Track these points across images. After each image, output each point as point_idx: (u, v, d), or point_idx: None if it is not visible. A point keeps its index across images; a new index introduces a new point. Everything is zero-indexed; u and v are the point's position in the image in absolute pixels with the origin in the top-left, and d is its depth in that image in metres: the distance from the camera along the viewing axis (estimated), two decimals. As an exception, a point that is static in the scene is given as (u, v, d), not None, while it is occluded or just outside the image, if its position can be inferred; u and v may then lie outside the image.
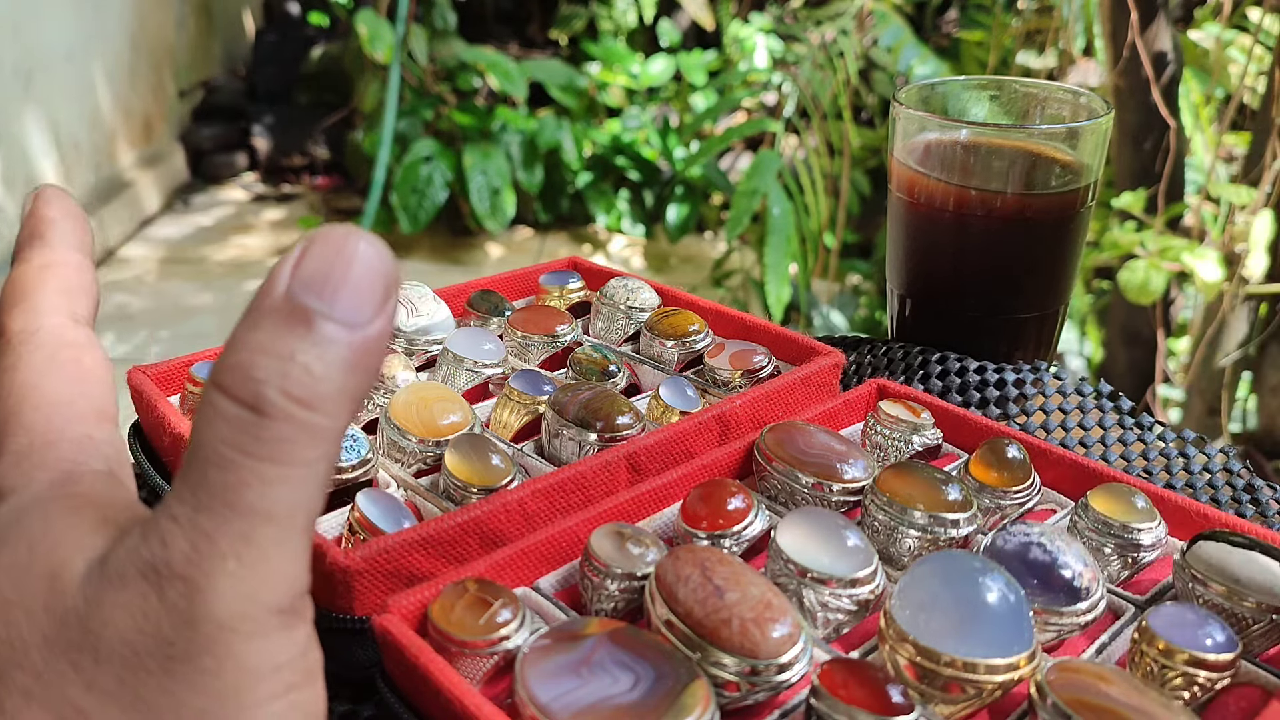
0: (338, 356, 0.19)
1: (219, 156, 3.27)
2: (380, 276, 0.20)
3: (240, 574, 0.19)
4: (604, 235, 2.95)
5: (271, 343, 0.19)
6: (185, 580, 0.19)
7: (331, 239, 0.20)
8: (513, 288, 0.54)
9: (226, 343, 0.20)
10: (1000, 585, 0.28)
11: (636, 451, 0.37)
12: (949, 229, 0.50)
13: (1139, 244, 1.34)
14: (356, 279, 0.19)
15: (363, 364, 0.20)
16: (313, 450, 0.20)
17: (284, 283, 0.19)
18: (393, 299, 0.20)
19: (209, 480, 0.19)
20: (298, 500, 0.20)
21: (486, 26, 3.38)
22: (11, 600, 0.20)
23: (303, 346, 0.19)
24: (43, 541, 0.21)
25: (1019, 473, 0.38)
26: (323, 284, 0.19)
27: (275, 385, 0.19)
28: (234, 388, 0.19)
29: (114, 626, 0.19)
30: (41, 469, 0.22)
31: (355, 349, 0.19)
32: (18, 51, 2.32)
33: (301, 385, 0.19)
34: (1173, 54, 1.40)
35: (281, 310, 0.19)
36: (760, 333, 0.48)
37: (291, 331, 0.19)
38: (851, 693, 0.26)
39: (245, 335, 0.19)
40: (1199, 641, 0.28)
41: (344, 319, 0.19)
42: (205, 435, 0.19)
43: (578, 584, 0.32)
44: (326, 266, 0.19)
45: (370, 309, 0.20)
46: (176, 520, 0.19)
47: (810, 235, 1.87)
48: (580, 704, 0.24)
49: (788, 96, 2.01)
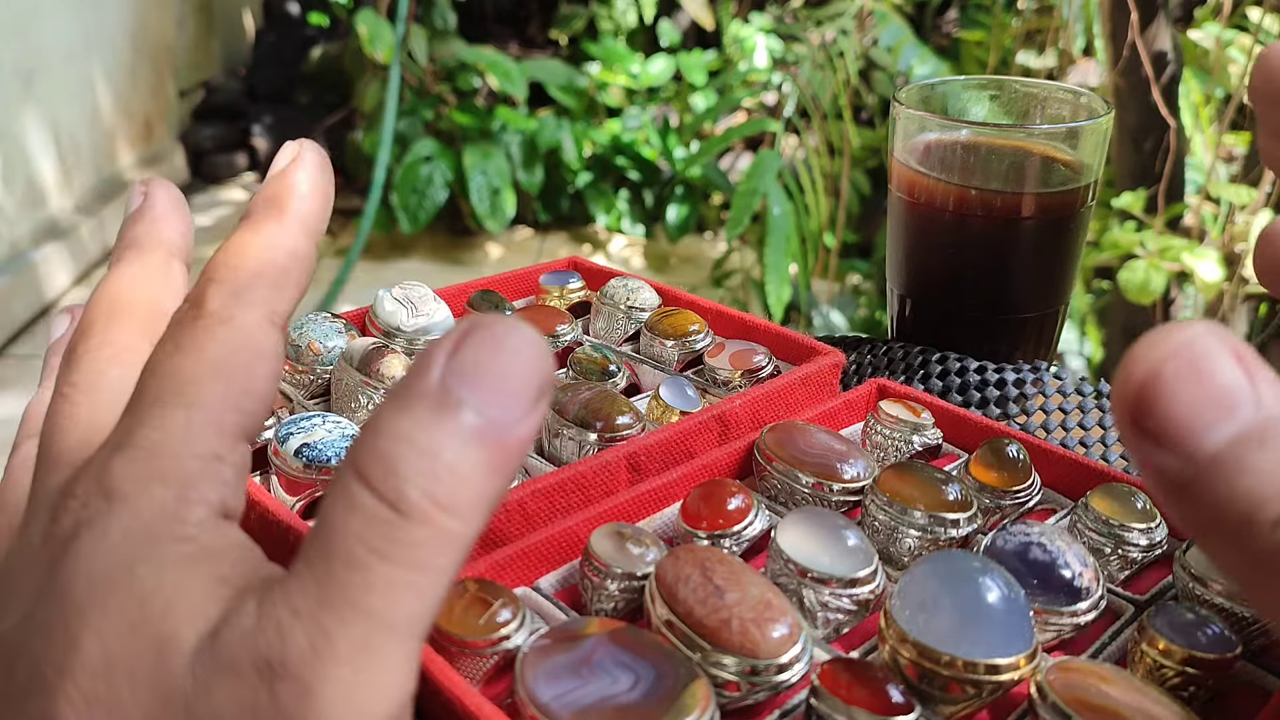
0: (484, 459, 0.18)
1: (219, 156, 3.27)
2: (536, 375, 0.19)
3: (355, 683, 0.18)
4: (604, 235, 2.95)
5: (418, 433, 0.18)
6: (299, 682, 0.18)
7: (493, 329, 0.19)
8: (513, 288, 0.54)
9: (369, 422, 0.19)
10: (1000, 585, 0.28)
11: (636, 451, 0.37)
12: (949, 229, 0.50)
13: (1139, 244, 1.34)
14: (513, 376, 0.18)
15: (505, 468, 0.19)
16: (444, 558, 0.19)
17: (439, 369, 0.18)
18: (545, 400, 0.19)
19: (335, 575, 0.18)
20: (421, 609, 0.19)
21: (486, 26, 3.38)
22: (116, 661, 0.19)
23: (451, 444, 0.18)
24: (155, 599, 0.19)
25: (1019, 473, 0.38)
26: (479, 377, 0.18)
27: (419, 485, 0.18)
28: (375, 480, 0.18)
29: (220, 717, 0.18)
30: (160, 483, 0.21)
31: (501, 451, 0.19)
32: (18, 51, 2.32)
33: (446, 488, 0.18)
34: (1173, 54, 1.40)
35: (433, 398, 0.18)
36: (760, 333, 0.48)
37: (440, 424, 0.18)
38: (851, 693, 0.26)
39: (393, 419, 0.18)
40: (1199, 641, 0.28)
41: (495, 417, 0.18)
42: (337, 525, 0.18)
43: (578, 584, 0.32)
44: (485, 359, 0.18)
45: (522, 409, 0.19)
46: (298, 614, 0.18)
47: (810, 235, 1.87)
48: (580, 704, 0.24)
49: (788, 96, 2.01)
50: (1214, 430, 0.17)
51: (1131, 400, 0.18)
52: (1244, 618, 0.31)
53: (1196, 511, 0.18)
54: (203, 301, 0.23)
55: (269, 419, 0.39)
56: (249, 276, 0.23)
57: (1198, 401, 0.18)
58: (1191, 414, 0.18)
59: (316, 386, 0.44)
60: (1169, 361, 0.18)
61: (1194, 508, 0.18)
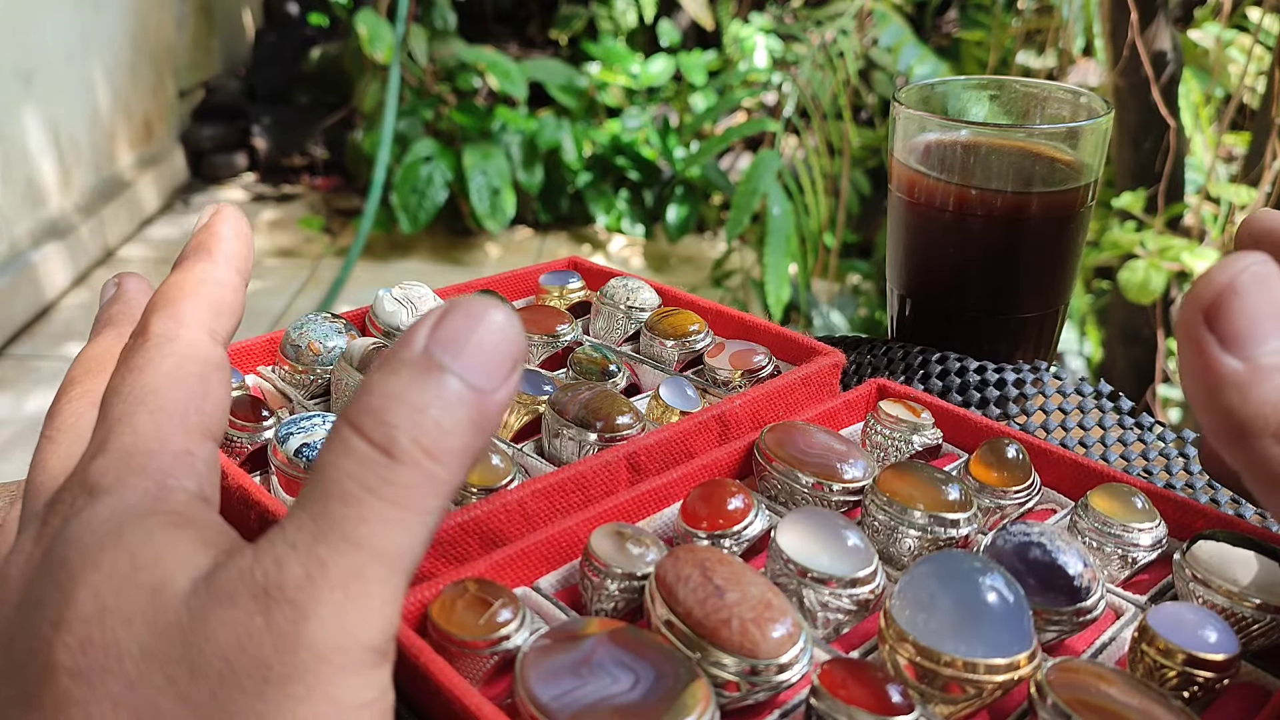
0: (465, 415, 0.20)
1: (219, 156, 3.27)
2: (511, 346, 0.21)
3: (345, 607, 0.20)
4: (604, 235, 2.95)
5: (406, 392, 0.20)
6: (294, 605, 0.19)
7: (471, 306, 0.21)
8: (513, 288, 0.54)
9: (361, 386, 0.21)
10: (1000, 585, 0.28)
11: (636, 451, 0.37)
12: (949, 229, 0.50)
13: (1139, 244, 1.34)
14: (490, 346, 0.21)
15: (485, 426, 0.21)
16: (432, 500, 0.20)
17: (423, 339, 0.21)
18: (519, 370, 0.21)
19: (330, 511, 0.20)
20: (409, 545, 0.20)
21: (486, 26, 3.38)
22: (110, 608, 0.20)
23: (436, 401, 0.20)
24: (144, 553, 0.21)
25: (1019, 473, 0.38)
26: (459, 345, 0.21)
27: (408, 432, 0.20)
28: (368, 428, 0.20)
29: (216, 643, 0.19)
30: (138, 475, 0.23)
31: (481, 411, 0.21)
32: (18, 51, 2.32)
33: (431, 437, 0.20)
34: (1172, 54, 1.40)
35: (419, 363, 0.20)
36: (760, 333, 0.48)
37: (426, 385, 0.20)
38: (851, 693, 0.26)
39: (382, 381, 0.21)
40: (1199, 641, 0.28)
41: (474, 381, 0.21)
42: (332, 469, 0.20)
43: (578, 584, 0.32)
44: (465, 331, 0.21)
45: (499, 376, 0.21)
46: (294, 546, 0.20)
47: (810, 235, 1.87)
48: (580, 704, 0.24)
49: (788, 96, 2.01)
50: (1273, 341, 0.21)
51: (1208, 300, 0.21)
52: (1244, 618, 0.31)
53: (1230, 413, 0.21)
54: (148, 328, 0.25)
55: (270, 419, 0.39)
56: (186, 303, 0.26)
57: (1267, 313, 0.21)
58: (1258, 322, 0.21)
59: (316, 386, 0.44)
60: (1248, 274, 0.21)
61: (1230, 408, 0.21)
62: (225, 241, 0.27)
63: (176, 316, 0.25)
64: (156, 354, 0.25)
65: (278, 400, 0.43)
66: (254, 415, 0.38)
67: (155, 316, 0.25)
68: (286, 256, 2.79)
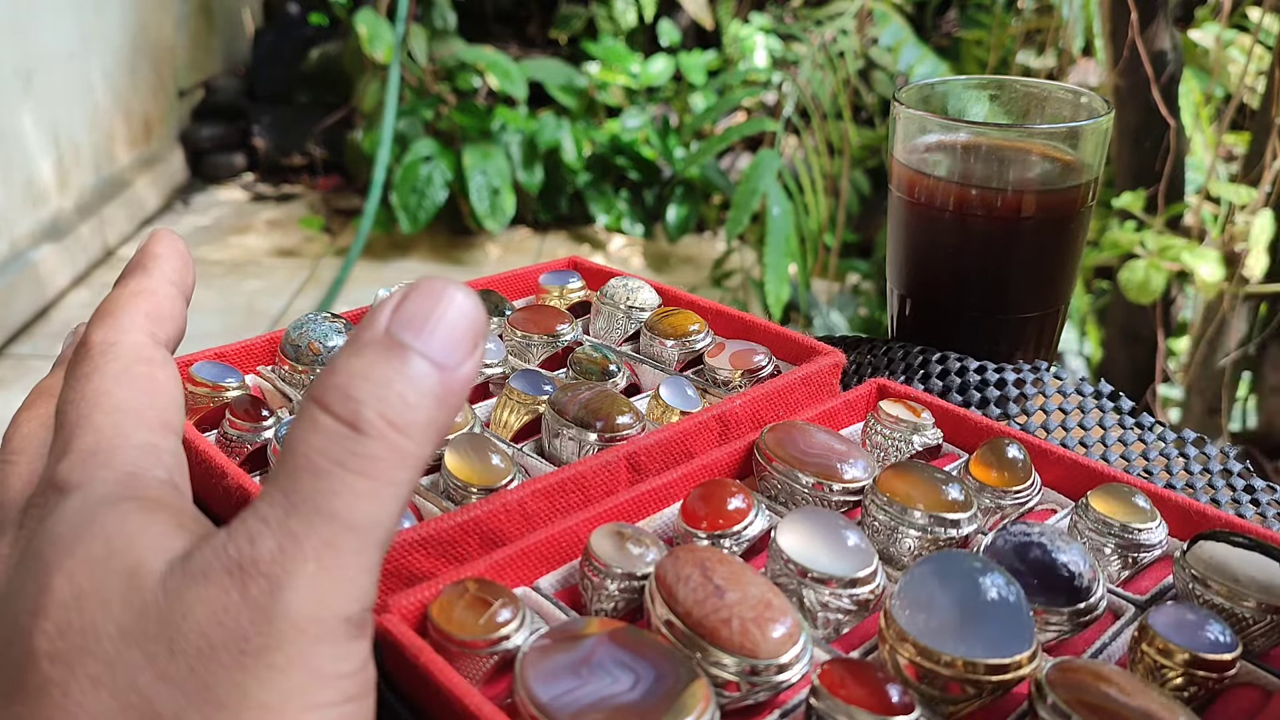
0: (429, 390, 0.21)
1: (218, 156, 3.27)
2: (471, 324, 0.22)
3: (319, 578, 0.20)
4: (604, 235, 2.95)
5: (371, 369, 0.21)
6: (269, 578, 0.20)
7: (431, 287, 0.21)
8: (513, 288, 0.54)
9: (325, 367, 0.21)
10: (1000, 585, 0.28)
11: (636, 451, 0.37)
12: (949, 229, 0.50)
13: (1139, 244, 1.34)
14: (450, 324, 0.21)
15: (450, 401, 0.21)
16: (400, 472, 0.21)
17: (385, 320, 0.21)
18: (481, 346, 0.22)
19: (301, 486, 0.20)
20: (380, 516, 0.21)
21: (486, 26, 3.38)
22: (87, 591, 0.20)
23: (399, 377, 0.21)
24: (119, 538, 0.21)
25: (1019, 473, 0.38)
26: (420, 325, 0.21)
27: (373, 407, 0.20)
28: (334, 405, 0.21)
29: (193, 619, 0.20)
30: (106, 468, 0.23)
31: (444, 386, 0.21)
32: (18, 51, 2.32)
33: (396, 410, 0.21)
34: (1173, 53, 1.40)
35: (381, 343, 0.21)
36: (760, 332, 0.48)
37: (389, 363, 0.21)
38: (851, 693, 0.26)
39: (346, 361, 0.21)
40: (1199, 641, 0.28)
41: (436, 358, 0.21)
42: (301, 444, 0.21)
43: (578, 584, 0.32)
44: (425, 309, 0.21)
45: (461, 352, 0.21)
46: (266, 521, 0.20)
47: (810, 235, 1.87)
48: (580, 704, 0.24)
49: (787, 96, 2.01)
50: None
51: None
52: (1244, 618, 0.31)
53: None
54: (88, 340, 0.26)
55: (270, 419, 0.39)
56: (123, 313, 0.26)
57: None
58: None
59: (316, 386, 0.44)
60: None
61: None
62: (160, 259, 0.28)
63: (115, 326, 0.26)
64: (101, 360, 0.25)
65: (278, 400, 0.43)
66: (254, 415, 0.38)
67: (94, 329, 0.26)
68: (286, 256, 2.79)
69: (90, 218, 2.59)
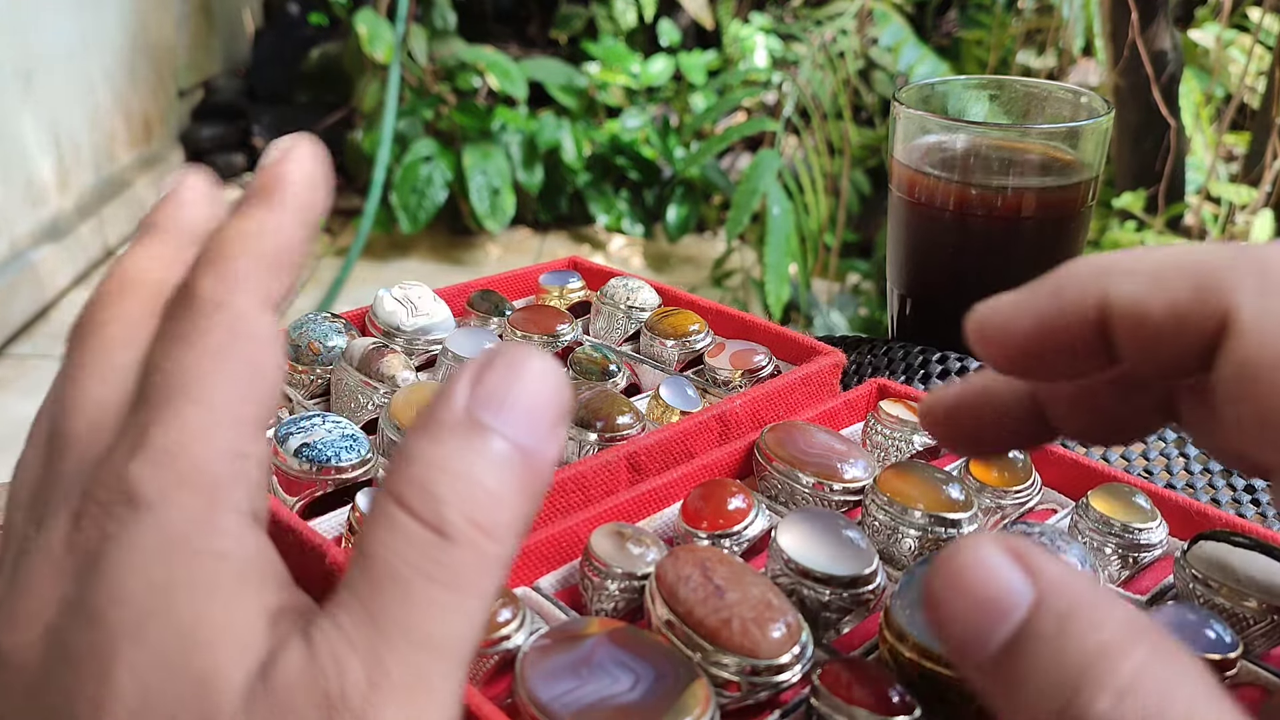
0: (515, 480, 0.19)
1: (219, 156, 3.27)
2: (556, 398, 0.20)
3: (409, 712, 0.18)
4: (604, 235, 2.95)
5: (453, 460, 0.19)
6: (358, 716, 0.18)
7: (512, 357, 0.19)
8: (513, 288, 0.54)
9: (400, 451, 0.19)
10: (1000, 585, 0.28)
11: (636, 451, 0.37)
12: (949, 228, 0.50)
13: (1139, 244, 1.34)
14: (533, 400, 0.19)
15: (534, 490, 0.19)
16: (487, 580, 0.19)
17: (463, 398, 0.19)
18: (565, 423, 0.20)
19: (386, 602, 0.18)
20: (467, 633, 0.19)
21: (486, 26, 3.38)
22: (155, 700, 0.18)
23: (485, 468, 0.19)
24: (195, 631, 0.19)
25: (1019, 473, 0.38)
26: (501, 403, 0.19)
27: (459, 508, 0.18)
28: (415, 504, 0.18)
29: None
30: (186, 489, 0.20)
31: (530, 472, 0.19)
32: (18, 51, 2.32)
33: (483, 510, 0.19)
34: (1173, 53, 1.40)
35: (462, 425, 0.19)
36: (760, 332, 0.48)
37: (472, 450, 0.19)
38: (851, 693, 0.26)
39: (425, 449, 0.19)
40: (1199, 641, 0.28)
41: (521, 441, 0.19)
42: (381, 549, 0.18)
43: (578, 584, 0.32)
44: (505, 386, 0.19)
45: (545, 431, 0.19)
46: (353, 645, 0.18)
47: (810, 235, 1.87)
48: (580, 704, 0.24)
49: (787, 96, 2.01)
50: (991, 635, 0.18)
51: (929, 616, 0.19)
52: (1244, 618, 0.31)
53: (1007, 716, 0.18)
54: (195, 288, 0.22)
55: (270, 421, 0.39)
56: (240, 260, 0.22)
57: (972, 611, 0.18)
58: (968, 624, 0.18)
59: (316, 386, 0.44)
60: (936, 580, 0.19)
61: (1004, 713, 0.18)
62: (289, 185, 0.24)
63: (227, 277, 0.22)
64: (204, 323, 0.21)
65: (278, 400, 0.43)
66: (254, 415, 0.38)
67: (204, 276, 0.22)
68: (286, 256, 2.79)
69: (90, 218, 2.59)
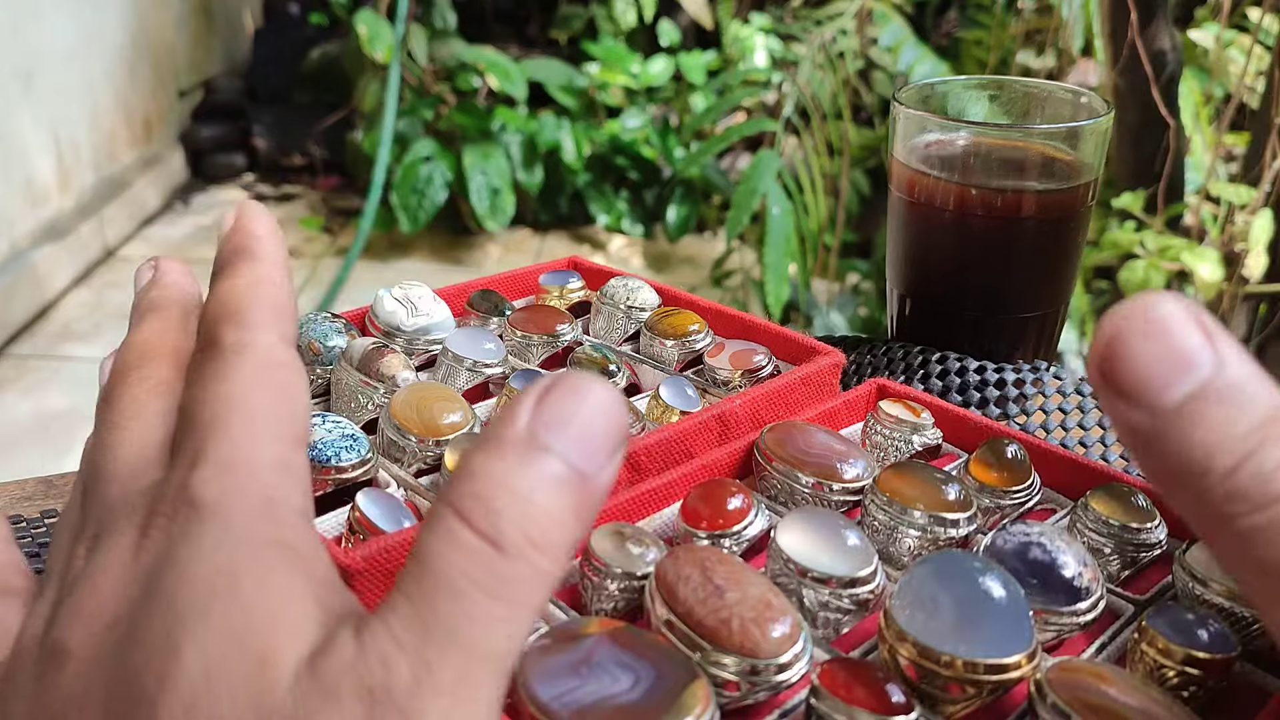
0: (571, 502, 0.20)
1: (219, 156, 3.27)
2: (616, 427, 0.20)
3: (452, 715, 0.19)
4: (604, 235, 2.95)
5: (512, 478, 0.19)
6: (401, 712, 0.18)
7: (576, 383, 0.20)
8: (513, 288, 0.54)
9: (462, 465, 0.20)
10: (1000, 585, 0.28)
11: (636, 451, 0.37)
12: (949, 229, 0.50)
13: (1139, 244, 1.34)
14: (594, 427, 0.20)
15: (587, 514, 0.20)
16: (537, 595, 0.20)
17: (526, 418, 0.20)
18: (622, 451, 0.21)
19: (438, 608, 0.19)
20: (512, 645, 0.19)
21: (486, 26, 3.38)
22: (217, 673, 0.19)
23: (543, 487, 0.19)
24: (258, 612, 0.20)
25: (1019, 473, 0.38)
26: (564, 426, 0.20)
27: (517, 525, 0.19)
28: (474, 518, 0.19)
29: None
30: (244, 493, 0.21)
31: (585, 495, 0.20)
32: (18, 51, 2.32)
33: (540, 528, 0.19)
34: (1172, 53, 1.40)
35: (523, 445, 0.20)
36: (760, 332, 0.48)
37: (532, 469, 0.19)
38: (851, 693, 0.26)
39: (486, 464, 0.20)
40: (1199, 641, 0.28)
41: (580, 465, 0.20)
42: (438, 559, 0.19)
43: (578, 584, 0.32)
44: (570, 410, 0.20)
45: (604, 458, 0.20)
46: (401, 646, 0.19)
47: (810, 235, 1.87)
48: (580, 704, 0.24)
49: (787, 96, 2.01)
50: (1174, 386, 0.19)
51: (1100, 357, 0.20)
52: (1244, 618, 0.31)
53: (1161, 462, 0.20)
54: (217, 339, 0.24)
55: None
56: (249, 309, 0.24)
57: (1158, 359, 0.19)
58: (1152, 370, 0.19)
59: (316, 386, 0.44)
60: (1132, 322, 0.20)
61: (1158, 458, 0.20)
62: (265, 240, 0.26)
63: (244, 324, 0.24)
64: (235, 360, 0.23)
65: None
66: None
67: (221, 326, 0.24)
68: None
69: (90, 218, 2.59)
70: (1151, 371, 0.19)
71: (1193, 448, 0.19)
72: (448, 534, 0.19)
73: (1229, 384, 0.19)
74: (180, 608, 0.20)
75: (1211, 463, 0.19)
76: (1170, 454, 0.19)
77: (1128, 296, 1.02)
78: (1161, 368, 0.19)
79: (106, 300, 2.44)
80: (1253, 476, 0.19)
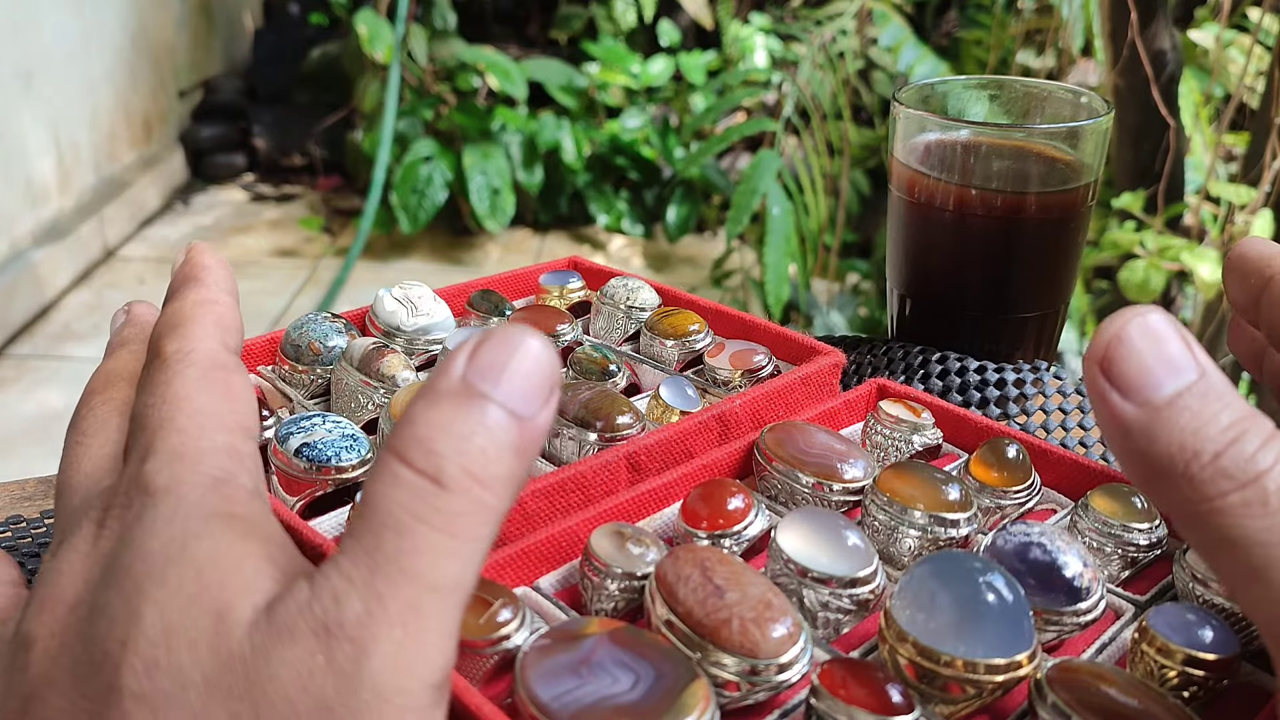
0: (508, 441, 0.21)
1: (219, 156, 3.27)
2: (548, 372, 0.21)
3: (405, 644, 0.19)
4: (604, 235, 2.95)
5: (451, 421, 0.20)
6: (355, 643, 0.19)
7: (507, 335, 0.21)
8: (513, 288, 0.54)
9: (403, 416, 0.21)
10: (1000, 585, 0.28)
11: (636, 451, 0.37)
12: (949, 229, 0.50)
13: (1139, 244, 1.34)
14: (526, 373, 0.21)
15: (527, 453, 0.21)
16: (482, 527, 0.21)
17: (460, 368, 0.21)
18: (556, 395, 0.22)
19: (384, 544, 0.20)
20: (463, 575, 0.20)
21: (486, 26, 3.38)
22: (176, 629, 0.20)
23: (479, 429, 0.20)
24: (211, 571, 0.21)
25: (1019, 473, 0.38)
26: (498, 374, 0.21)
27: (455, 461, 0.20)
28: (415, 458, 0.20)
29: (278, 681, 0.19)
30: (194, 473, 0.23)
31: (522, 437, 0.21)
32: (18, 51, 2.32)
33: (479, 464, 0.20)
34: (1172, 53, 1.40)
35: (459, 393, 0.21)
36: (760, 332, 0.48)
37: (469, 414, 0.21)
38: (851, 693, 0.26)
39: (425, 412, 0.21)
40: (1199, 641, 0.28)
41: (515, 409, 0.21)
42: (383, 499, 0.20)
43: (578, 584, 0.32)
44: (502, 358, 0.21)
45: (538, 402, 0.21)
46: (351, 581, 0.20)
47: (810, 235, 1.87)
48: (580, 704, 0.24)
49: (787, 96, 2.01)
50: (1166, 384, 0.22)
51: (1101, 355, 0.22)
52: (1243, 618, 0.31)
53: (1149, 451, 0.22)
54: (161, 351, 0.26)
55: (270, 419, 0.39)
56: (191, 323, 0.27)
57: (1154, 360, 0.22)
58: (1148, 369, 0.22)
59: (316, 386, 0.44)
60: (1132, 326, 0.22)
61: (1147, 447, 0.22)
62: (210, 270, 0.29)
63: (187, 335, 0.26)
64: (179, 367, 0.25)
65: (278, 400, 0.43)
66: (254, 415, 0.38)
67: (166, 340, 0.26)
68: (286, 256, 2.79)
69: (90, 218, 2.59)
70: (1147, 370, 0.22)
71: (1183, 436, 0.21)
72: (391, 476, 0.20)
73: (1210, 387, 0.22)
74: (137, 577, 0.21)
75: (1200, 447, 0.21)
76: (1160, 443, 0.22)
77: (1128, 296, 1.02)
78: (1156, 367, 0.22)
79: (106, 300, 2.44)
80: (1235, 459, 0.21)
